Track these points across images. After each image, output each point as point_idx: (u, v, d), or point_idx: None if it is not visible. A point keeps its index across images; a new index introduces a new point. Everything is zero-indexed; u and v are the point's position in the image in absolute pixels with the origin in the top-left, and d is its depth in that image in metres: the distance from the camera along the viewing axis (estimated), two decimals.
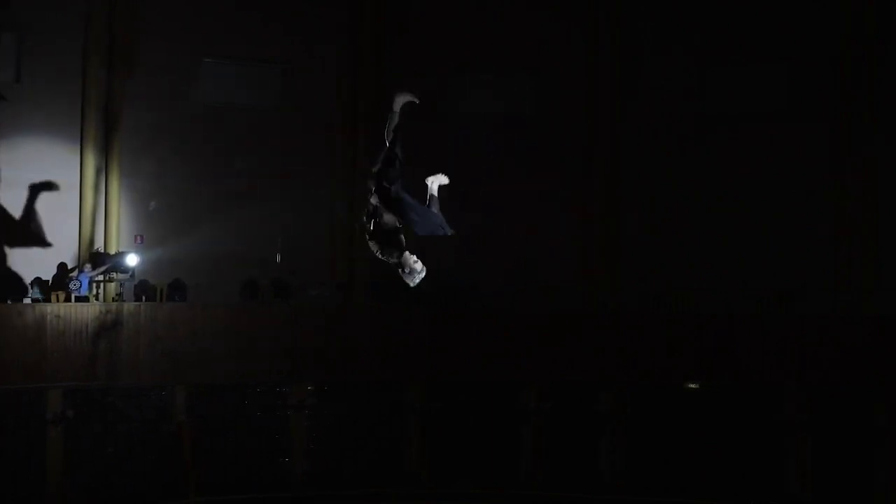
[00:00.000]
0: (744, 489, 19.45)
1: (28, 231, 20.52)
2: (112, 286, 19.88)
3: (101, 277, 19.55)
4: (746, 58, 22.07)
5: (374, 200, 8.66)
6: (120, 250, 20.19)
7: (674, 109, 22.22)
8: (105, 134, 20.88)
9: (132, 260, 19.41)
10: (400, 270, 8.65)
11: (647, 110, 22.23)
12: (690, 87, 22.29)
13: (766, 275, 20.49)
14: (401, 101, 8.83)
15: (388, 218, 8.63)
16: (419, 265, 8.58)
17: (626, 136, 22.28)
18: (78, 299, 18.75)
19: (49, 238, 20.55)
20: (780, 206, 21.18)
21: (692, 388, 20.08)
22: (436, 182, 9.10)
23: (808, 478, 19.23)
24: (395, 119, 8.77)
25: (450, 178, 9.13)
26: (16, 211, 20.59)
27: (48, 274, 19.31)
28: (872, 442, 18.93)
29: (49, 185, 20.66)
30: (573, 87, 22.61)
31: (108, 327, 18.73)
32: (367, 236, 8.74)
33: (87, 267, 19.34)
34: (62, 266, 19.33)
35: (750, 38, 21.84)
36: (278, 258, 21.31)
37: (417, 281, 8.62)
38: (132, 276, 19.62)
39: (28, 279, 19.46)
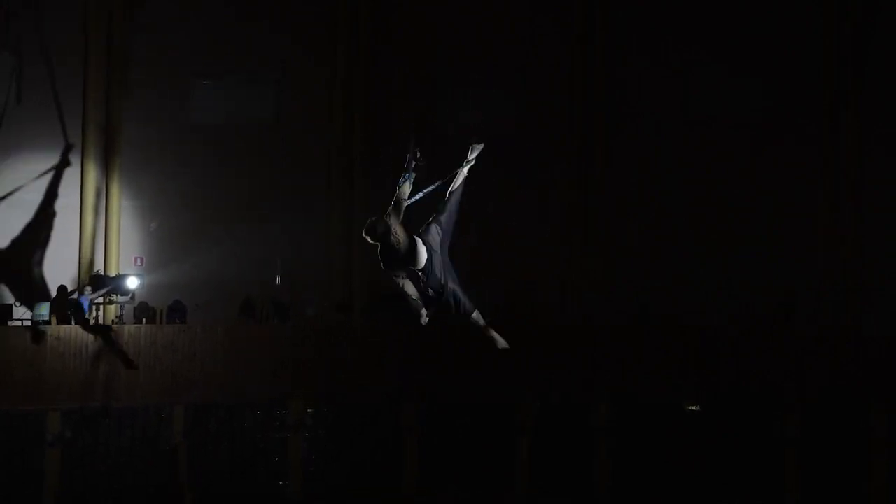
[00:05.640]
0: (737, 502, 19.58)
1: (28, 253, 20.71)
2: (112, 308, 20.04)
3: (101, 300, 19.70)
4: (732, 66, 22.06)
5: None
6: (120, 273, 20.35)
7: (660, 118, 22.20)
8: (105, 155, 21.04)
9: (132, 283, 19.55)
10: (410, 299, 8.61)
11: (635, 121, 22.24)
12: (675, 96, 22.31)
13: (751, 286, 20.53)
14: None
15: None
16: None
17: (614, 149, 22.30)
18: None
19: (49, 260, 20.71)
20: (765, 216, 21.21)
21: (692, 410, 20.16)
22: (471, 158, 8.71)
23: (798, 491, 19.39)
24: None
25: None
26: (17, 233, 20.80)
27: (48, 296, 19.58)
28: (866, 453, 19.03)
29: (50, 207, 20.87)
30: (559, 95, 22.53)
31: (107, 349, 18.92)
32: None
33: (88, 290, 19.48)
34: (62, 289, 19.50)
35: (737, 46, 21.87)
36: (277, 280, 21.29)
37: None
38: (132, 298, 19.78)
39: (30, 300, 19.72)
